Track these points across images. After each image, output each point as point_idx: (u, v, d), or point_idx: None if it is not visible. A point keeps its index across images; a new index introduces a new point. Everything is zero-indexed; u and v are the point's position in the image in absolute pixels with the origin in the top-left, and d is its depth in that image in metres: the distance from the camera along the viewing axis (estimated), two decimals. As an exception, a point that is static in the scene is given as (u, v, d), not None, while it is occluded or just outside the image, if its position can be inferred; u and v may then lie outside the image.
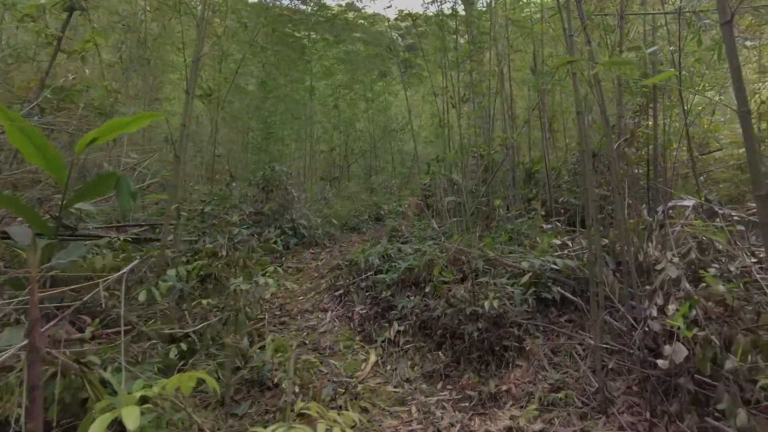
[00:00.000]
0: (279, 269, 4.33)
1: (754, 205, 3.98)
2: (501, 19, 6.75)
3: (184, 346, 2.96)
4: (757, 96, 6.69)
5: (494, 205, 5.58)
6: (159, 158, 6.34)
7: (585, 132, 3.00)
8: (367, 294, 4.41)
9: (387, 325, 3.92)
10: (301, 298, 4.82)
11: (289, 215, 7.07)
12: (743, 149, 7.66)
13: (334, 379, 3.29)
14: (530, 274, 3.81)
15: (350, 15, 12.96)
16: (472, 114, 6.31)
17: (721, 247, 3.06)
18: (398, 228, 6.73)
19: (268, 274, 3.67)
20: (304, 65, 11.88)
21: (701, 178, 6.40)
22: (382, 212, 10.37)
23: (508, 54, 6.70)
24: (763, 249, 3.01)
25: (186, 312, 3.40)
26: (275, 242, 6.58)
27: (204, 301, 3.40)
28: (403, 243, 5.79)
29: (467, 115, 6.23)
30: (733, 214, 3.47)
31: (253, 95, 11.78)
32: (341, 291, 4.65)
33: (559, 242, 4.18)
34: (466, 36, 6.80)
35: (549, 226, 5.15)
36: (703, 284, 2.83)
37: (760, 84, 6.77)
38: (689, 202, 3.68)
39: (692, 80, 5.29)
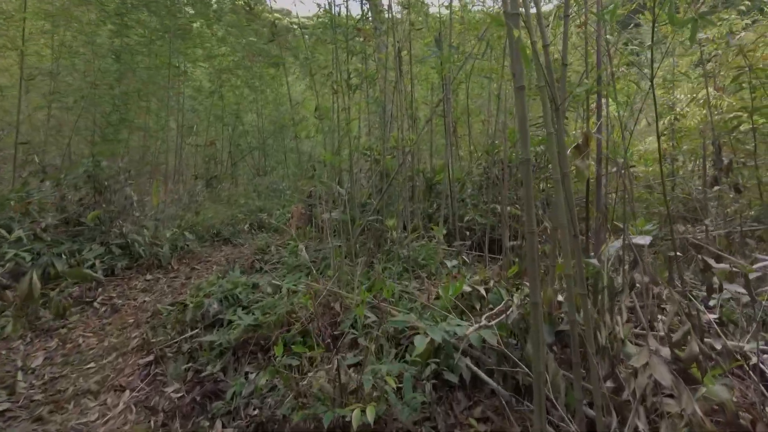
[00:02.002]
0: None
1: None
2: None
3: None
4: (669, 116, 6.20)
5: (388, 225, 4.32)
6: None
7: (523, 118, 1.78)
8: (189, 365, 2.90)
9: (207, 425, 2.44)
10: (92, 364, 3.16)
11: (118, 227, 5.24)
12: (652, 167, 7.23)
13: None
14: (429, 339, 2.56)
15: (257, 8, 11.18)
16: (364, 106, 5.02)
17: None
18: (266, 248, 5.25)
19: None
20: (181, 45, 9.85)
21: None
22: (265, 221, 8.78)
23: (408, 36, 5.51)
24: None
25: None
26: (93, 265, 4.77)
27: None
28: (264, 272, 4.33)
29: (357, 107, 4.92)
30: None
31: (107, 73, 9.52)
32: (153, 356, 3.08)
33: (469, 288, 2.98)
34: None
35: (453, 262, 4.00)
36: (701, 389, 1.74)
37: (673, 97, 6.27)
38: (644, 240, 2.66)
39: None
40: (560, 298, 2.54)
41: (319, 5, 12.10)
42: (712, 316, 2.48)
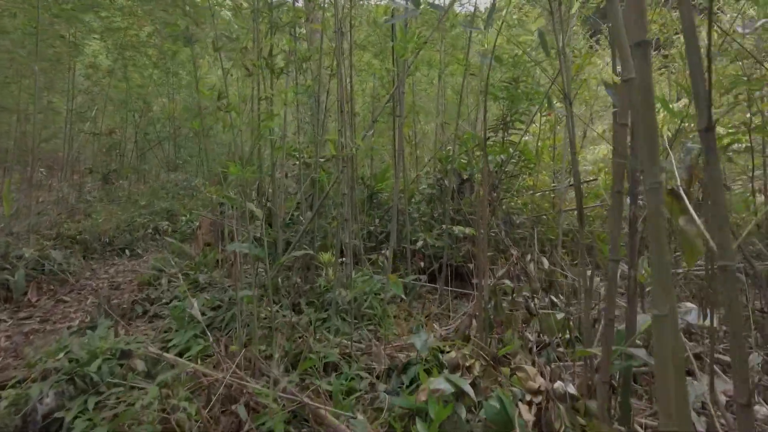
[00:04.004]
0: None
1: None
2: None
3: None
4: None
5: (322, 260, 3.24)
6: None
7: (652, 128, 0.84)
8: None
9: None
10: None
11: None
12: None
13: None
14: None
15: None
16: (293, 96, 3.90)
17: None
18: (157, 277, 3.99)
19: None
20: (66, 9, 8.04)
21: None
22: (168, 230, 7.34)
23: (350, 13, 4.45)
24: None
25: None
26: None
27: None
28: (148, 320, 3.12)
29: (283, 96, 3.79)
30: None
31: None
32: None
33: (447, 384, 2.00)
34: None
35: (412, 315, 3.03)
36: None
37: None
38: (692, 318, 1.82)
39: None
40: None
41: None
42: None
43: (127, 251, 6.77)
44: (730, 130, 3.76)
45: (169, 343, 2.74)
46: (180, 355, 2.66)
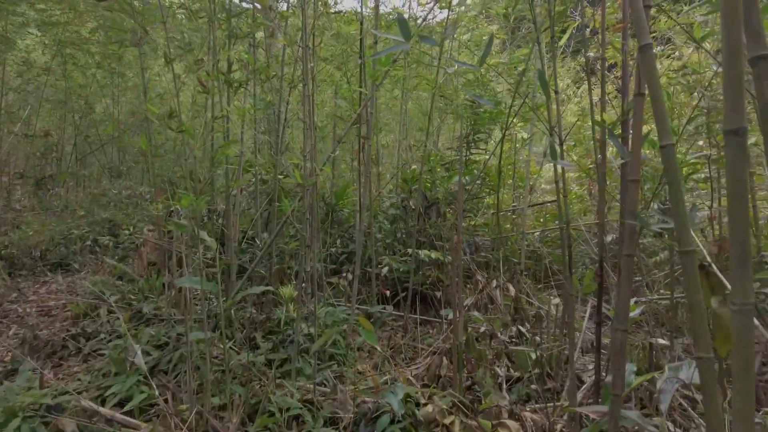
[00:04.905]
0: None
1: None
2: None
3: None
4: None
5: (283, 295, 2.98)
6: None
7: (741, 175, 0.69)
8: None
9: None
10: None
11: None
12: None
13: None
14: None
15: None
16: (251, 111, 3.64)
17: None
18: (93, 310, 3.60)
19: None
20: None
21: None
22: (108, 240, 6.80)
23: (314, 28, 4.24)
24: None
25: None
26: None
27: None
28: (83, 361, 2.76)
29: (240, 112, 3.51)
30: None
31: None
32: None
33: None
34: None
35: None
36: None
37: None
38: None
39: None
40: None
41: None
42: None
43: (61, 267, 6.22)
44: (690, 162, 3.81)
45: (107, 390, 2.42)
46: (120, 405, 2.35)
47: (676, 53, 4.72)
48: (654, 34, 4.19)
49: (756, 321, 2.46)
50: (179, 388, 2.47)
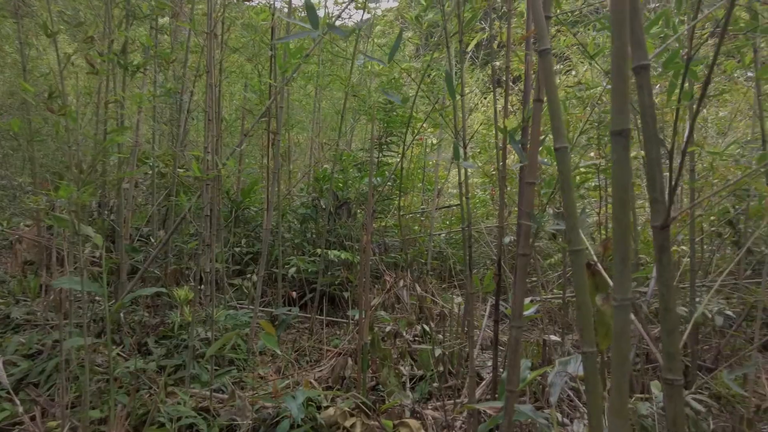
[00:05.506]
0: None
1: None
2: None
3: None
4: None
5: (177, 296, 2.76)
6: None
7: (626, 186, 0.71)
8: None
9: None
10: None
11: None
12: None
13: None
14: None
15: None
16: (149, 98, 3.35)
17: None
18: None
19: None
20: None
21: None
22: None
23: (222, 16, 4.03)
24: None
25: None
26: None
27: None
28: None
29: (137, 98, 3.23)
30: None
31: None
32: None
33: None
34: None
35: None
36: None
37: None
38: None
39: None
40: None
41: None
42: None
43: None
44: (582, 170, 4.13)
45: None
46: (-25, 424, 2.04)
47: (573, 72, 5.12)
48: (554, 51, 4.50)
49: (632, 316, 2.70)
50: (52, 402, 2.20)
